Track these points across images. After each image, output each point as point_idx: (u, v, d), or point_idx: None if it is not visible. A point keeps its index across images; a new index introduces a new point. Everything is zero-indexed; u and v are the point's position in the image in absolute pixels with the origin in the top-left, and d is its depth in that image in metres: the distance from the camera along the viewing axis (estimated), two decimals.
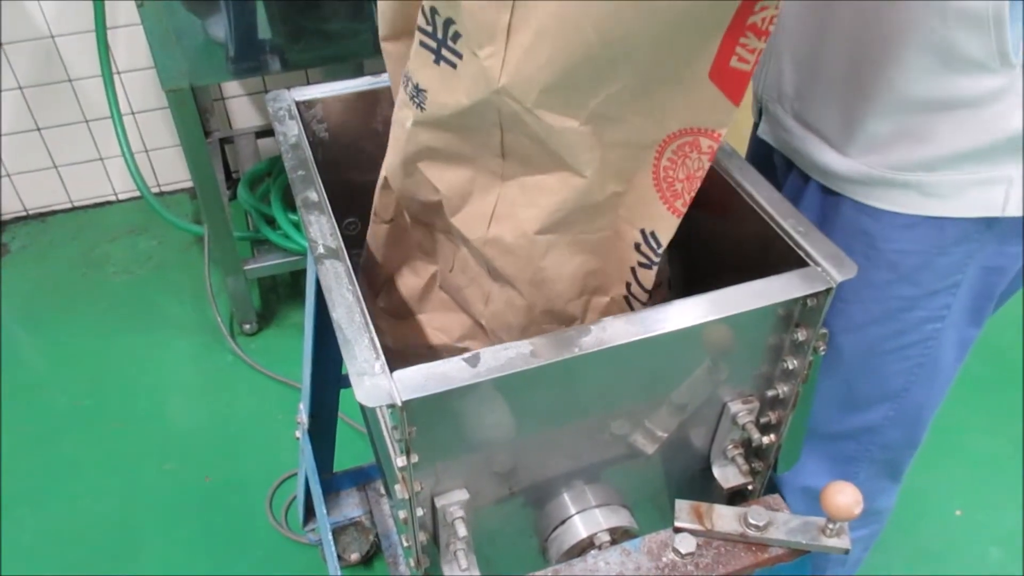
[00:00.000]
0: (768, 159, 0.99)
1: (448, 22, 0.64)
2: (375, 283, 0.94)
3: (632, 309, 0.79)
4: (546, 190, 0.71)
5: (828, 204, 0.89)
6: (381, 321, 0.94)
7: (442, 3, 0.64)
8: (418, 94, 0.71)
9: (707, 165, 0.67)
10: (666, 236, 0.72)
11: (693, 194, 0.69)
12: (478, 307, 0.85)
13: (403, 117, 0.74)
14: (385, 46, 0.80)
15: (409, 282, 0.92)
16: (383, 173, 0.82)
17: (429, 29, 0.67)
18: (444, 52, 0.66)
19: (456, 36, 0.65)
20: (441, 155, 0.75)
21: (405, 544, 0.72)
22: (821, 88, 0.86)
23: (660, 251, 0.73)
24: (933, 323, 0.89)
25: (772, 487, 0.91)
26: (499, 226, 0.75)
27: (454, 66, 0.66)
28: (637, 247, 0.74)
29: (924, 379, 0.94)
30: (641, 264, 0.75)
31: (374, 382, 0.60)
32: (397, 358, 0.90)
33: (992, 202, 0.80)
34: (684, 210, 0.70)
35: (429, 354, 0.92)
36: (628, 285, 0.78)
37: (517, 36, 0.61)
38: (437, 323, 0.92)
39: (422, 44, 0.68)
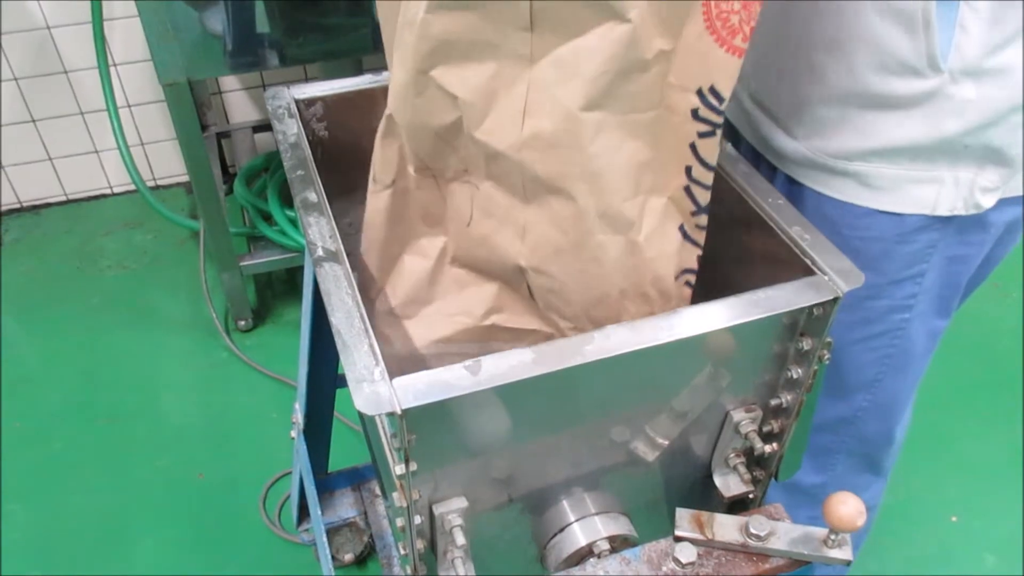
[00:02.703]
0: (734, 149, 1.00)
1: None
2: (372, 284, 0.88)
3: (694, 203, 0.72)
4: (586, 53, 0.64)
5: (793, 193, 0.90)
6: (385, 327, 0.87)
7: None
8: None
9: None
10: (727, 85, 0.66)
11: (753, 24, 0.62)
12: (514, 248, 0.77)
13: (412, 11, 0.67)
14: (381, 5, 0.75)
15: (415, 267, 0.85)
16: (386, 113, 0.75)
17: None
18: None
19: None
20: (459, 49, 0.67)
21: (402, 552, 0.71)
22: (774, 70, 0.87)
23: (723, 107, 0.67)
24: (900, 313, 0.90)
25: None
26: (535, 118, 0.68)
27: None
28: (695, 114, 0.67)
29: (895, 370, 0.96)
30: (702, 134, 0.68)
31: (373, 389, 0.59)
32: (407, 363, 0.84)
33: (924, 200, 0.82)
34: (745, 47, 0.63)
35: (447, 348, 0.85)
36: (688, 170, 0.71)
37: None
38: (454, 307, 0.86)
39: None
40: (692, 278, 0.78)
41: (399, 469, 0.63)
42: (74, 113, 2.25)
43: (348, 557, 1.50)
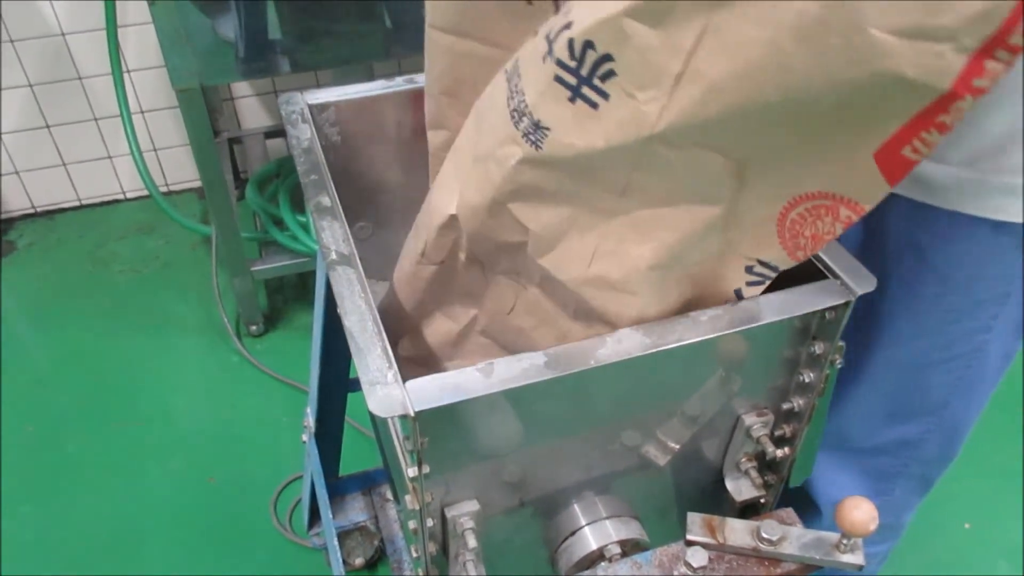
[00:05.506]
0: None
1: (604, 58, 0.58)
2: (398, 329, 0.88)
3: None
4: (666, 224, 0.66)
5: (872, 219, 0.81)
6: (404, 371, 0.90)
7: (605, 37, 0.57)
8: (536, 131, 0.63)
9: (839, 232, 0.63)
10: (785, 265, 0.68)
11: (814, 252, 0.66)
12: (547, 344, 0.79)
13: (505, 154, 0.67)
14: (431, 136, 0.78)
15: (442, 327, 0.87)
16: (448, 211, 0.74)
17: (572, 64, 0.60)
18: (584, 90, 0.60)
19: (608, 75, 0.58)
20: (542, 194, 0.68)
21: (414, 555, 0.71)
22: None
23: (775, 273, 0.69)
24: (981, 334, 0.87)
25: (793, 500, 0.88)
26: (602, 264, 0.70)
27: (594, 106, 0.60)
28: (749, 269, 0.70)
29: (966, 391, 0.93)
30: (751, 283, 0.70)
31: (386, 392, 0.59)
32: None
33: None
34: (802, 259, 0.66)
35: None
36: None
37: (687, 86, 0.56)
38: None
39: (558, 79, 0.60)
40: None
41: (412, 472, 0.63)
42: (88, 119, 2.27)
43: (359, 561, 1.50)
